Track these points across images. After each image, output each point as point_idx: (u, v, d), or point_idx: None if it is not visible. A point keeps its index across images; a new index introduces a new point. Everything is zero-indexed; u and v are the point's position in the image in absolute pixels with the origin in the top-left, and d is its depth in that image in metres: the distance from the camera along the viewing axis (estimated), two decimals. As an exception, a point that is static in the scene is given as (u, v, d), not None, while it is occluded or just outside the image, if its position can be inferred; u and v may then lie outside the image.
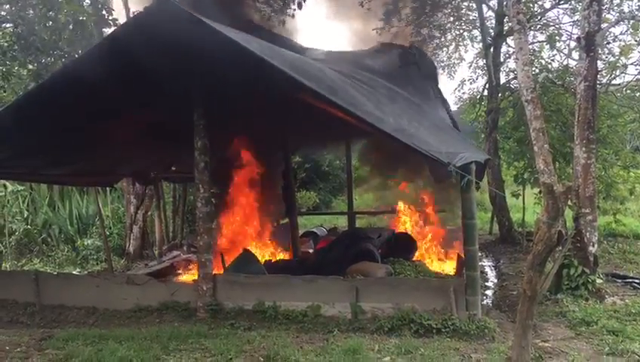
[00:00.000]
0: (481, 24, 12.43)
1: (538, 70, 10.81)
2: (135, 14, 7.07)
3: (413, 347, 4.99)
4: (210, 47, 5.28)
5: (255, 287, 6.31)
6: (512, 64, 12.98)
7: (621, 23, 9.97)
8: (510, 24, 9.75)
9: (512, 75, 12.28)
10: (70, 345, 5.19)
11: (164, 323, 6.12)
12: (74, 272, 9.80)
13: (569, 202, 6.37)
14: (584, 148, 6.75)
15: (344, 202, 16.45)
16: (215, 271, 6.75)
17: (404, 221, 10.69)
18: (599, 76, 8.43)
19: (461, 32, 15.19)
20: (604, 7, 8.15)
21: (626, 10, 10.88)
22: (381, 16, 11.99)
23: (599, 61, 8.88)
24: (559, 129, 10.24)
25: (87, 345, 5.16)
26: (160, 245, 10.36)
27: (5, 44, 10.94)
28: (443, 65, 16.69)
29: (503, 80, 12.46)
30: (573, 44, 10.75)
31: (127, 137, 7.62)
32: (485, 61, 12.43)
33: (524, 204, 11.31)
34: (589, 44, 6.72)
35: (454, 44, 15.87)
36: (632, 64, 10.54)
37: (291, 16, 10.55)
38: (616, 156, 10.85)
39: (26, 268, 10.20)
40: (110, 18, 10.85)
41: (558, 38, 11.59)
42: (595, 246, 6.81)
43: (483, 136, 12.56)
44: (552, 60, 11.65)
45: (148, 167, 10.23)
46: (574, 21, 11.52)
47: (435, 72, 11.82)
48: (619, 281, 7.57)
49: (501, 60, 12.48)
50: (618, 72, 10.23)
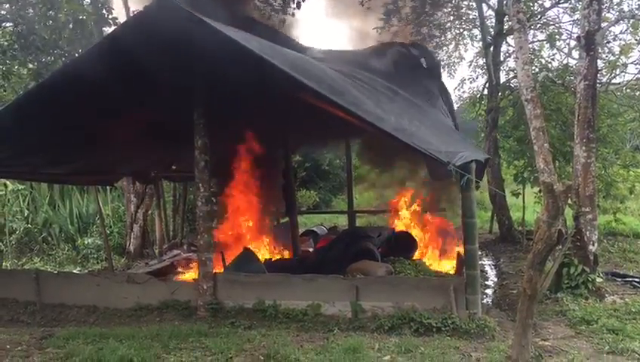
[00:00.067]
0: (481, 23, 12.41)
1: (538, 69, 10.81)
2: (135, 13, 7.09)
3: (413, 345, 4.99)
4: (211, 45, 5.27)
5: (255, 286, 6.32)
6: (512, 63, 13.03)
7: (621, 21, 9.99)
8: (510, 23, 9.75)
9: (512, 74, 12.28)
10: (71, 343, 5.19)
11: (164, 322, 6.12)
12: (74, 271, 9.83)
13: (569, 201, 6.36)
14: (584, 147, 6.75)
15: (344, 201, 16.47)
16: (215, 270, 6.75)
17: (403, 220, 10.69)
18: (599, 75, 8.44)
19: (461, 30, 15.17)
20: (604, 6, 8.16)
21: (626, 9, 10.91)
22: (381, 15, 11.99)
23: (599, 60, 8.90)
24: (559, 128, 10.24)
25: (88, 343, 5.16)
26: (160, 244, 10.35)
27: (5, 43, 10.94)
28: (443, 64, 16.66)
29: (503, 79, 12.48)
30: (573, 43, 10.81)
31: (128, 136, 7.61)
32: (485, 60, 12.41)
33: (524, 202, 11.30)
34: (589, 43, 6.72)
35: (454, 43, 15.85)
36: (631, 63, 10.59)
37: (291, 15, 10.56)
38: (616, 155, 10.86)
39: (27, 267, 10.19)
40: (110, 17, 10.84)
41: (558, 37, 11.62)
42: (595, 245, 6.82)
43: (483, 135, 12.55)
44: (552, 59, 11.71)
45: (148, 166, 10.22)
46: (574, 20, 11.54)
47: (439, 67, 11.77)
48: (619, 280, 7.57)
49: (501, 59, 12.47)
50: (618, 71, 10.27)
